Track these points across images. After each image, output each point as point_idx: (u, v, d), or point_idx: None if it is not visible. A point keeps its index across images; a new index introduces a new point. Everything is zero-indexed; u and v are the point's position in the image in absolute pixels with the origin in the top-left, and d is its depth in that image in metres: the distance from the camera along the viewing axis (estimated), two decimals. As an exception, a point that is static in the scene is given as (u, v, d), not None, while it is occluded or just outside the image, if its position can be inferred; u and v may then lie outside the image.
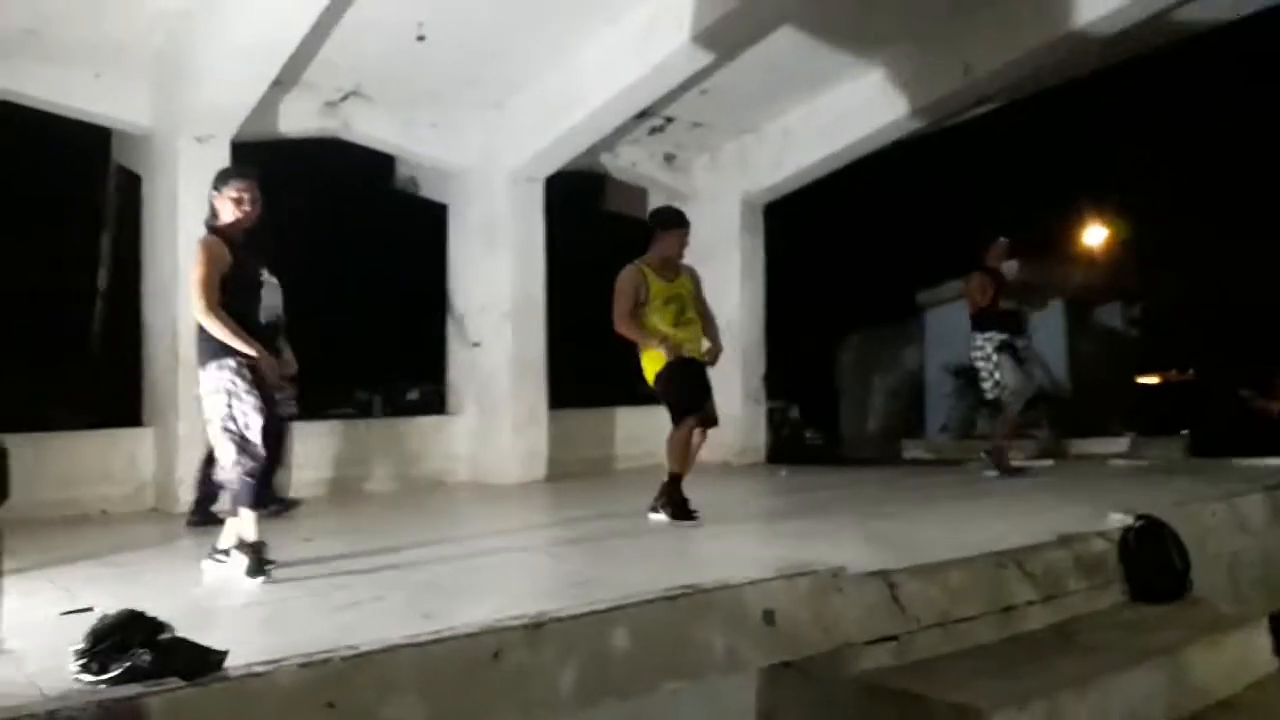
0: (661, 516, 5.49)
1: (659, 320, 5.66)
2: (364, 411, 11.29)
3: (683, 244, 5.80)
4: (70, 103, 7.10)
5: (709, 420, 5.65)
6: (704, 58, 7.06)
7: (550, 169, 8.44)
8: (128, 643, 2.30)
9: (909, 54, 8.08)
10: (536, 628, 3.02)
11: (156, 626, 2.40)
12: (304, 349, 6.41)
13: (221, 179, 4.55)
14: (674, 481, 5.53)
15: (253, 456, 4.24)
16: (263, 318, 4.71)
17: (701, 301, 5.89)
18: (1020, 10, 7.41)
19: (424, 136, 8.38)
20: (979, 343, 7.67)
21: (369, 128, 8.13)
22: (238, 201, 4.43)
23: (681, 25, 6.74)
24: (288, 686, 2.48)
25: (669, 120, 8.82)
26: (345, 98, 7.86)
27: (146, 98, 7.21)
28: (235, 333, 4.29)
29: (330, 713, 2.53)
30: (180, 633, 2.56)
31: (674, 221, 5.85)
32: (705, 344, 5.78)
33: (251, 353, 4.30)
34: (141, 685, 2.27)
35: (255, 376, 4.32)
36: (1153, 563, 4.67)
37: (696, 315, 5.78)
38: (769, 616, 3.56)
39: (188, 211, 6.90)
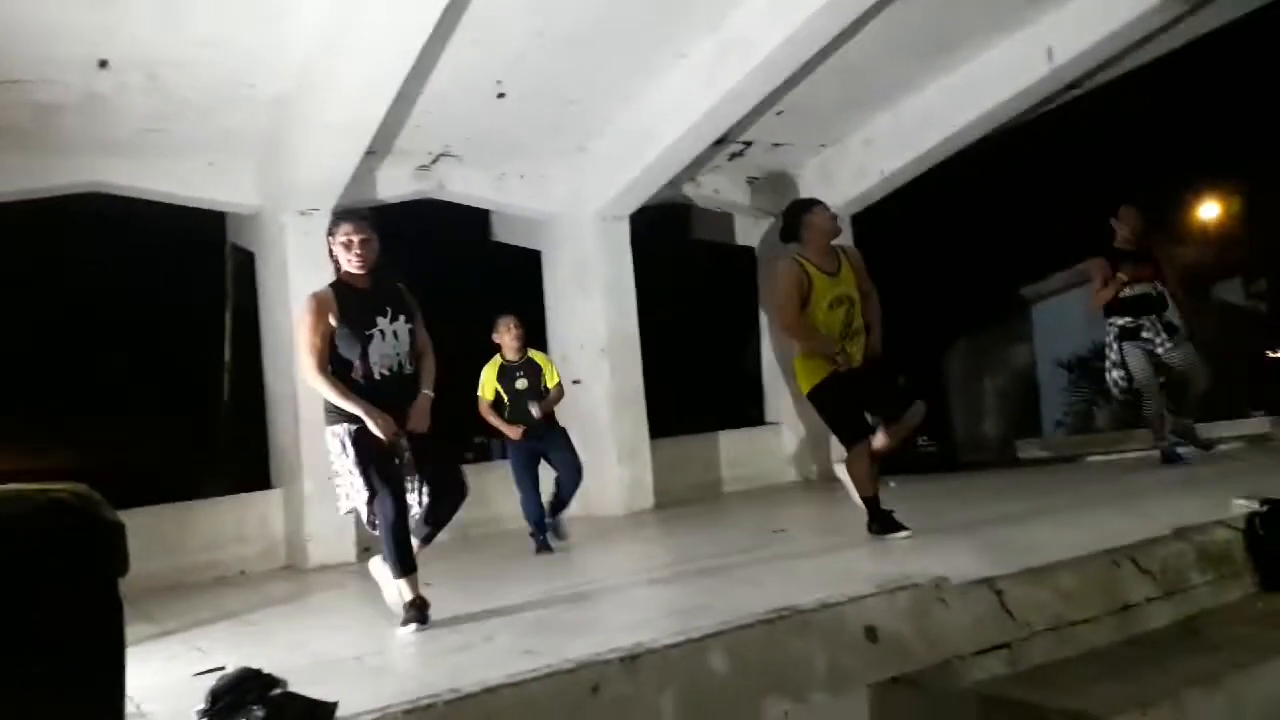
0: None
1: (824, 328, 5.08)
2: (482, 455, 11.63)
3: (834, 222, 5.25)
4: (187, 192, 7.62)
5: (892, 419, 5.13)
6: (774, 80, 7.12)
7: (634, 205, 8.61)
8: (243, 700, 2.47)
9: (989, 47, 7.94)
10: (633, 659, 3.08)
11: (270, 682, 2.57)
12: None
13: (332, 224, 4.41)
14: (869, 503, 5.20)
15: (377, 519, 4.20)
16: (378, 370, 4.27)
17: (866, 282, 5.25)
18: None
19: (513, 188, 8.67)
20: (1107, 330, 7.23)
21: (462, 186, 8.46)
22: (347, 245, 4.28)
23: (749, 51, 6.83)
24: (394, 731, 2.61)
25: (747, 144, 8.87)
26: (436, 160, 8.21)
27: (253, 179, 7.68)
28: (341, 394, 4.18)
29: (437, 754, 2.65)
30: (296, 686, 2.73)
31: (808, 203, 5.34)
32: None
33: (358, 412, 4.14)
34: (256, 739, 2.44)
35: (366, 439, 4.15)
36: (1283, 550, 4.43)
37: (864, 322, 5.16)
38: (871, 633, 3.54)
39: (298, 280, 7.32)
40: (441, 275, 11.02)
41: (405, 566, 4.26)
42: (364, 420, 4.16)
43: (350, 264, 4.30)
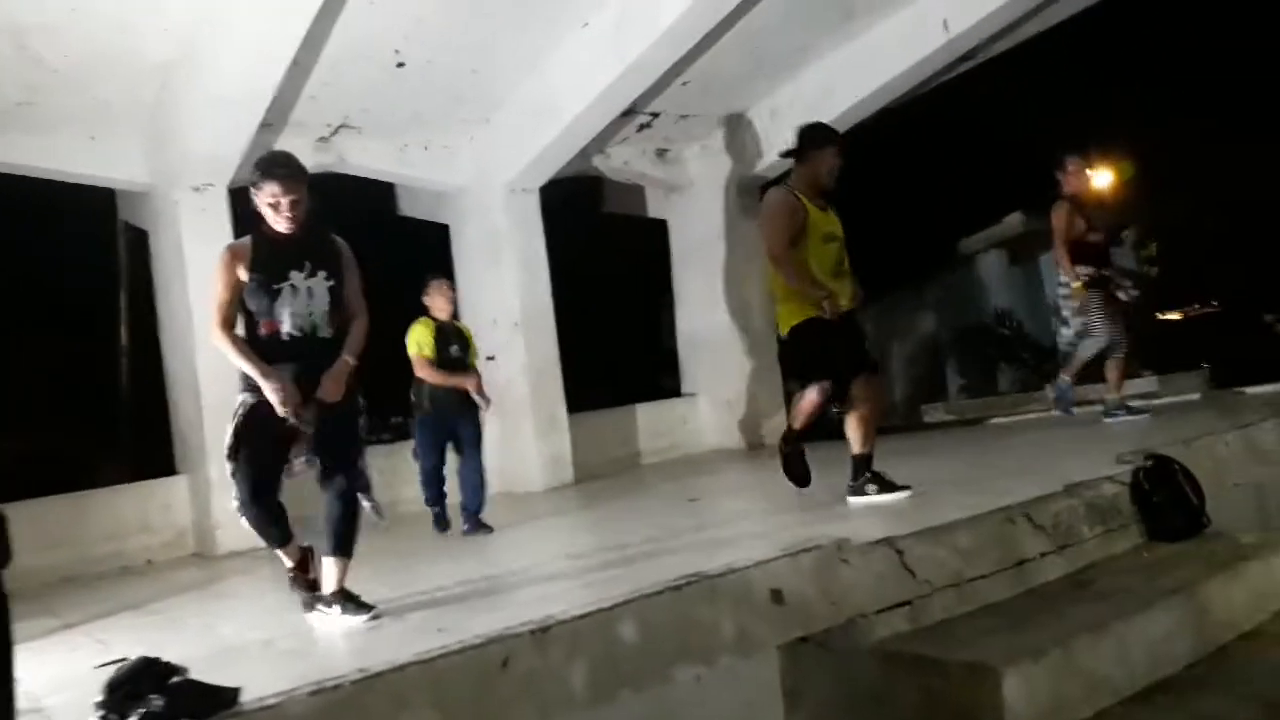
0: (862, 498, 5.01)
1: (816, 265, 4.89)
2: (401, 436, 11.44)
3: (836, 165, 4.97)
4: (68, 168, 7.31)
5: (864, 371, 5.07)
6: (678, 50, 7.12)
7: (543, 178, 8.54)
8: (141, 689, 2.42)
9: (886, 19, 8.06)
10: (543, 631, 3.10)
11: (169, 670, 2.52)
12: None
13: (258, 178, 3.87)
14: (789, 435, 5.21)
15: (240, 497, 3.89)
16: (286, 330, 3.84)
17: None
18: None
19: (417, 160, 8.51)
20: (1063, 281, 7.08)
21: (363, 159, 8.28)
22: (275, 207, 3.83)
23: (652, 20, 6.80)
24: (300, 715, 2.59)
25: (655, 115, 8.87)
26: (335, 132, 8.00)
27: (141, 155, 7.39)
28: (240, 353, 3.81)
29: (345, 735, 2.63)
30: (202, 673, 2.68)
31: (826, 138, 5.02)
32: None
33: (254, 375, 3.78)
34: (155, 729, 2.39)
35: (261, 410, 3.78)
36: (1167, 502, 4.66)
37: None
38: (777, 595, 3.62)
39: (195, 260, 7.11)
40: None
41: (269, 540, 4.03)
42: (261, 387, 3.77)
43: (278, 225, 3.87)
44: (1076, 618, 3.79)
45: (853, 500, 5.10)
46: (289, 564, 4.14)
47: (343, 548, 3.94)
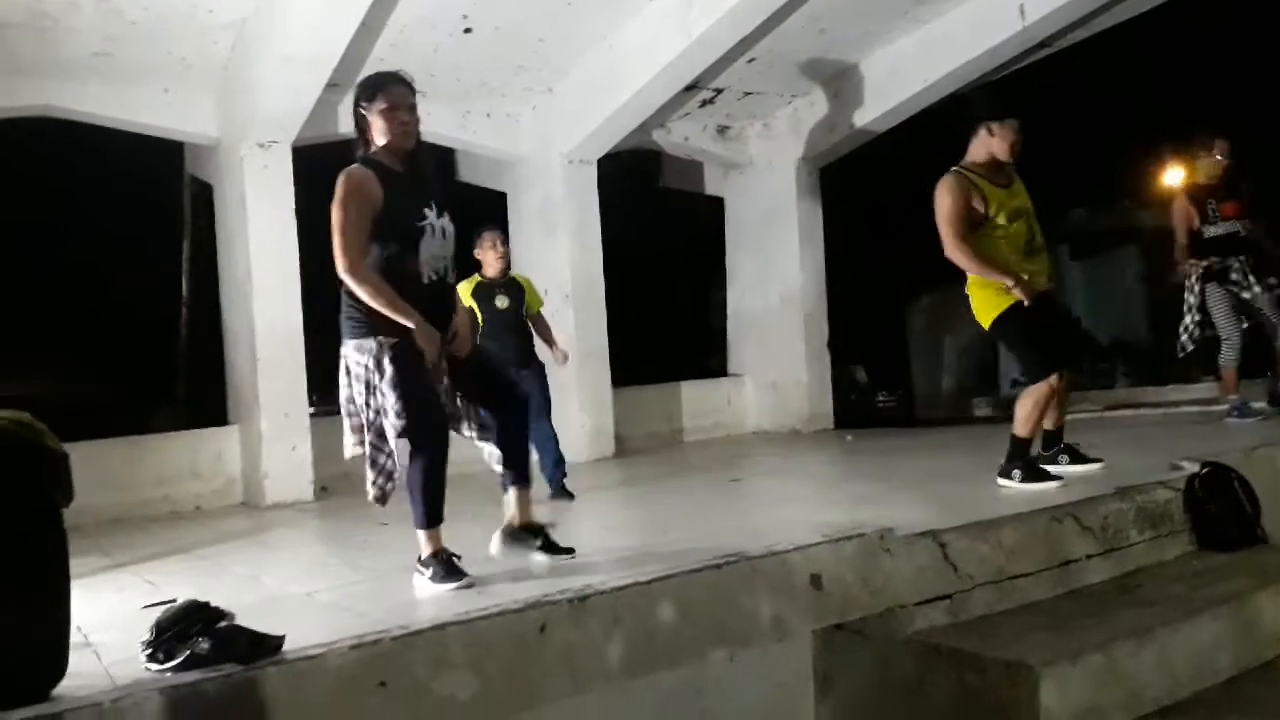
0: (1011, 482, 4.77)
1: (1006, 246, 4.66)
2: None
3: (1018, 143, 4.75)
4: (142, 120, 7.42)
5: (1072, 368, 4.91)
6: (745, 27, 7.04)
7: (601, 150, 8.52)
8: (188, 632, 2.48)
9: (960, 4, 7.91)
10: (581, 600, 3.13)
11: (216, 615, 2.58)
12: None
13: (369, 90, 3.58)
14: (1019, 445, 4.83)
15: (410, 453, 3.50)
16: (426, 274, 3.52)
17: None
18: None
19: (479, 127, 8.54)
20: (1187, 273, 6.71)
21: (426, 123, 8.20)
22: (392, 111, 3.50)
23: (722, -4, 6.74)
24: (340, 667, 2.64)
25: (718, 92, 8.79)
26: (400, 95, 8.03)
27: (211, 109, 7.50)
28: (388, 298, 3.38)
29: (383, 691, 2.68)
30: (245, 620, 2.74)
31: (1004, 111, 4.83)
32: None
33: (408, 323, 3.40)
34: (201, 671, 2.45)
35: (410, 357, 3.41)
36: (1220, 511, 4.57)
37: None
38: (816, 581, 3.62)
39: (257, 215, 7.24)
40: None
41: (435, 516, 3.60)
42: (411, 333, 3.40)
43: (396, 137, 3.51)
44: (1119, 622, 3.73)
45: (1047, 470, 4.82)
46: (430, 551, 3.60)
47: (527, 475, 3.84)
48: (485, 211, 9.36)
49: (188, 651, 2.45)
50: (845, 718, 3.74)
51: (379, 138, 3.58)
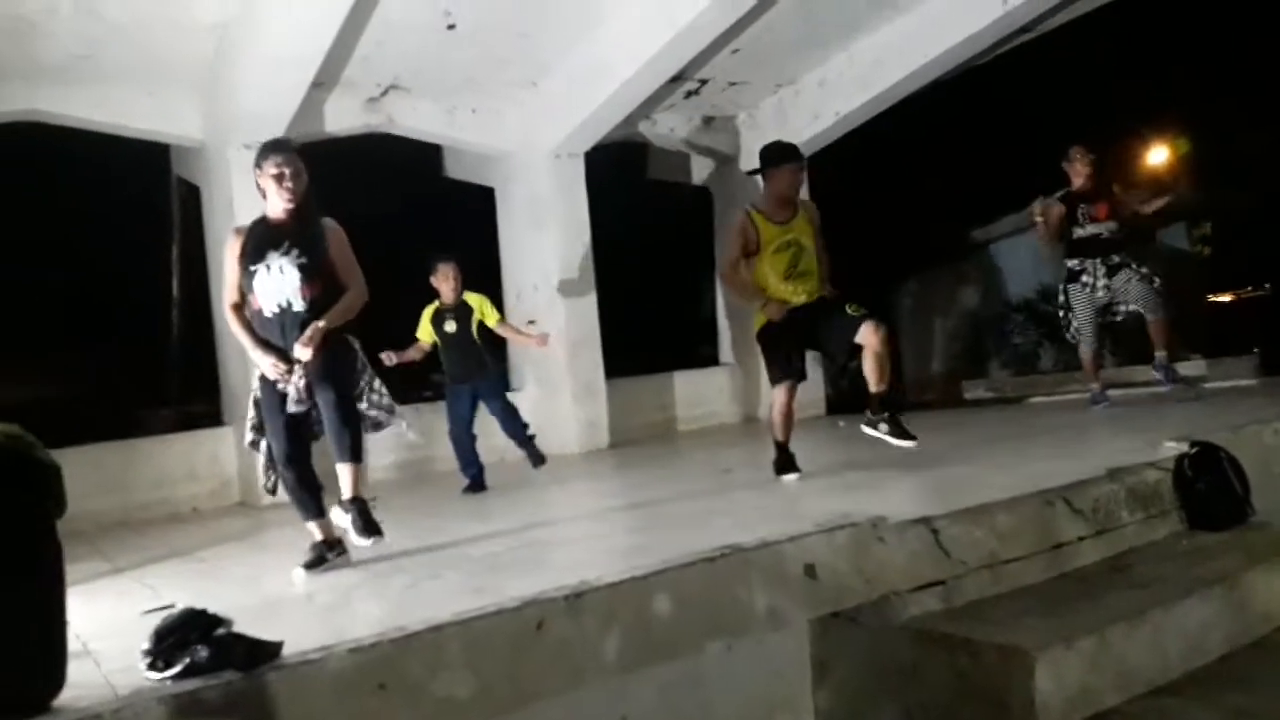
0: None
1: (769, 270, 5.30)
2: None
3: (796, 180, 5.35)
4: (125, 122, 7.42)
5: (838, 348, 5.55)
6: (730, 16, 7.04)
7: (588, 143, 8.53)
8: (188, 639, 2.50)
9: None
10: (578, 597, 3.14)
11: (215, 622, 2.59)
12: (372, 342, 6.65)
13: (260, 156, 4.19)
14: (775, 445, 5.63)
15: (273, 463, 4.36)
16: (267, 307, 4.21)
17: (819, 240, 5.45)
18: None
19: (465, 123, 8.54)
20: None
21: (412, 120, 8.32)
22: (278, 179, 4.11)
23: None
24: (339, 671, 2.65)
25: (703, 82, 8.80)
26: (386, 92, 8.05)
27: (196, 111, 7.49)
28: (240, 329, 4.28)
29: (382, 693, 2.69)
30: (244, 625, 2.75)
31: (780, 156, 5.35)
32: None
33: (246, 347, 4.26)
34: (201, 679, 2.46)
35: (265, 379, 4.24)
36: (1210, 490, 4.59)
37: (814, 264, 5.36)
38: (810, 570, 3.64)
39: (244, 215, 7.17)
40: (394, 211, 10.88)
41: (305, 509, 4.36)
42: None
43: (281, 198, 4.14)
44: (1112, 604, 3.75)
45: (865, 429, 5.50)
46: (319, 538, 4.33)
47: (350, 453, 4.21)
48: (473, 208, 9.40)
49: (187, 659, 2.46)
50: (842, 704, 3.77)
51: (269, 198, 4.21)
